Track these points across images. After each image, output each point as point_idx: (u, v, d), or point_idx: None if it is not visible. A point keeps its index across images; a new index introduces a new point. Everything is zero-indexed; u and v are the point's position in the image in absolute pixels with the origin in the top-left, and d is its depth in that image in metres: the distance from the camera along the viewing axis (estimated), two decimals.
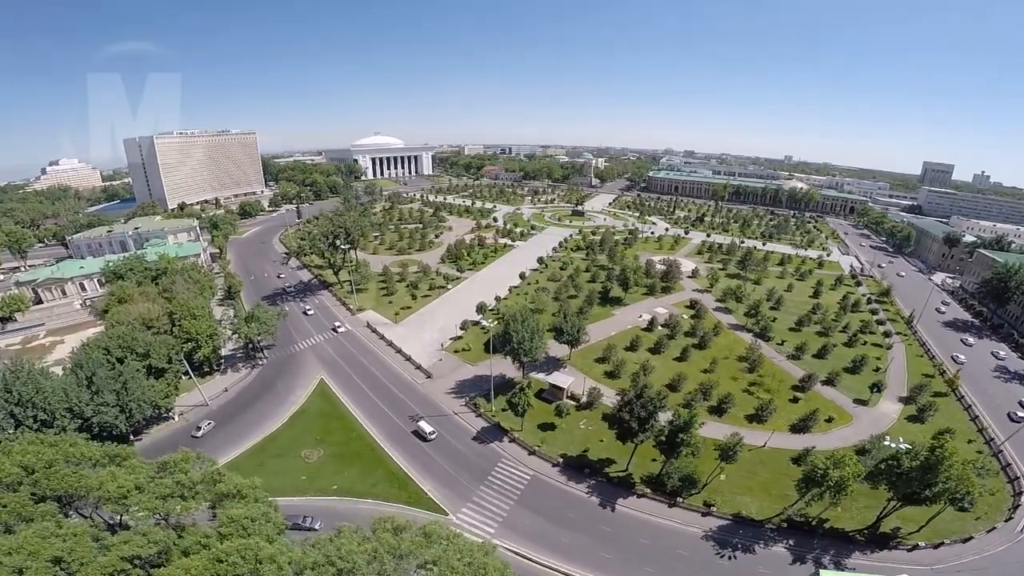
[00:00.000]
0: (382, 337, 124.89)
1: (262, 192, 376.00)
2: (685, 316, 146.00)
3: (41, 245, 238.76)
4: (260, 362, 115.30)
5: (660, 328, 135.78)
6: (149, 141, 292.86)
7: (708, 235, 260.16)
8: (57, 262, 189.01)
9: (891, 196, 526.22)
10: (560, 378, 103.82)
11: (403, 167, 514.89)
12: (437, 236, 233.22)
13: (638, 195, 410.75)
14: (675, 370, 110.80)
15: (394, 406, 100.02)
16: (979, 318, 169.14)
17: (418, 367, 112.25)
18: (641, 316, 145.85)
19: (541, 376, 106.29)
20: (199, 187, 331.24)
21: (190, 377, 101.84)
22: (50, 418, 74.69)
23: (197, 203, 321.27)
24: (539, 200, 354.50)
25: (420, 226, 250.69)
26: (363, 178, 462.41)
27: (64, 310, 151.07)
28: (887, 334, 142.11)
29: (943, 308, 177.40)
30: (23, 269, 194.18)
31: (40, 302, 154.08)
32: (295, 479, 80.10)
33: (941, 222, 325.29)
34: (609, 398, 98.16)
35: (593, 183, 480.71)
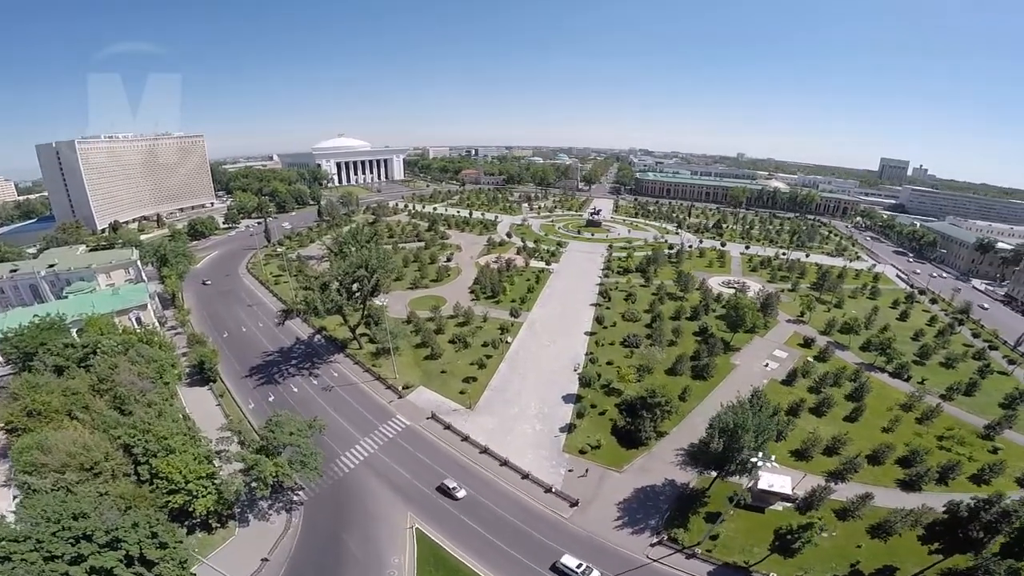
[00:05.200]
0: (466, 439, 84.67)
1: (213, 205, 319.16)
2: (810, 359, 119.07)
3: None
4: (296, 496, 73.20)
5: (801, 379, 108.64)
6: (69, 146, 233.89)
7: (747, 247, 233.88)
8: None
9: (867, 194, 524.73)
10: (776, 479, 72.70)
11: (372, 172, 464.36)
12: (448, 259, 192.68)
13: (635, 199, 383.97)
14: (863, 436, 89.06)
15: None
16: None
17: (548, 490, 74.10)
18: (767, 365, 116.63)
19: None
20: (136, 201, 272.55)
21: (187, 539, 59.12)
22: None
23: (134, 221, 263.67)
24: (540, 208, 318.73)
25: (421, 245, 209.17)
26: (329, 185, 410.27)
27: None
28: (1012, 361, 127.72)
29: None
30: None
31: None
32: None
33: (953, 224, 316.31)
34: (842, 493, 73.55)
35: (580, 187, 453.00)
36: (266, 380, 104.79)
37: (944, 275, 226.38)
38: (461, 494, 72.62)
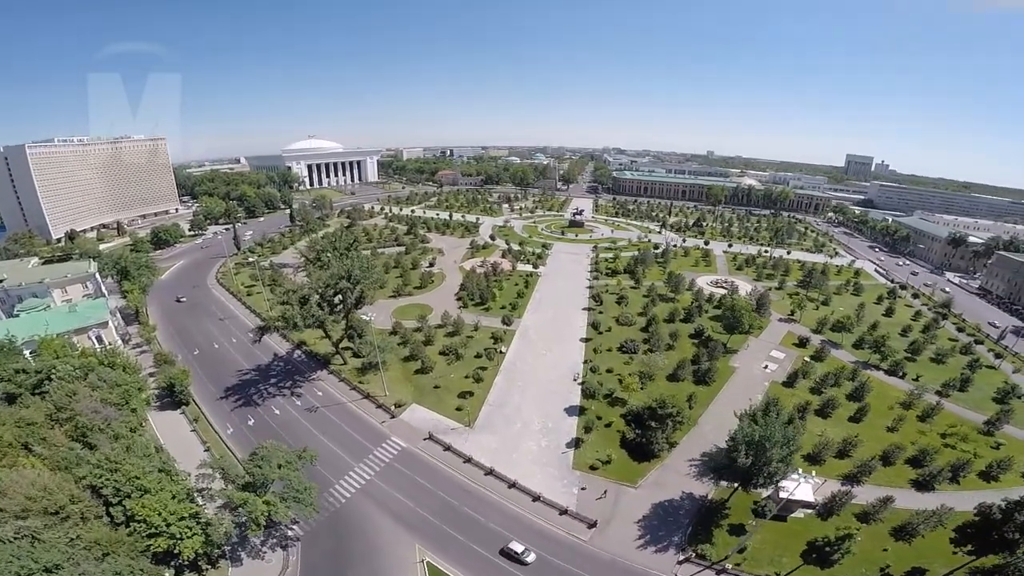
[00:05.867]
0: (468, 460, 79.15)
1: (177, 211, 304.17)
2: (808, 359, 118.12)
3: None
4: (291, 531, 66.43)
5: (802, 380, 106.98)
6: (19, 152, 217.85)
7: (730, 245, 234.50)
8: None
9: (836, 190, 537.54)
10: (801, 488, 69.06)
11: (345, 174, 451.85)
12: (431, 264, 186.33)
13: (614, 199, 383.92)
14: (870, 436, 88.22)
15: None
16: None
17: (564, 511, 69.60)
18: (766, 366, 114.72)
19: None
20: (94, 208, 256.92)
21: None
22: None
23: (92, 229, 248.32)
24: (522, 209, 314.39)
25: (401, 250, 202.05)
26: (301, 188, 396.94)
27: None
28: (999, 355, 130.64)
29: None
30: None
31: None
32: None
33: (922, 219, 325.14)
34: (860, 496, 72.53)
35: (559, 186, 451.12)
36: (244, 401, 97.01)
37: (906, 263, 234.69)
38: (531, 558, 62.07)
